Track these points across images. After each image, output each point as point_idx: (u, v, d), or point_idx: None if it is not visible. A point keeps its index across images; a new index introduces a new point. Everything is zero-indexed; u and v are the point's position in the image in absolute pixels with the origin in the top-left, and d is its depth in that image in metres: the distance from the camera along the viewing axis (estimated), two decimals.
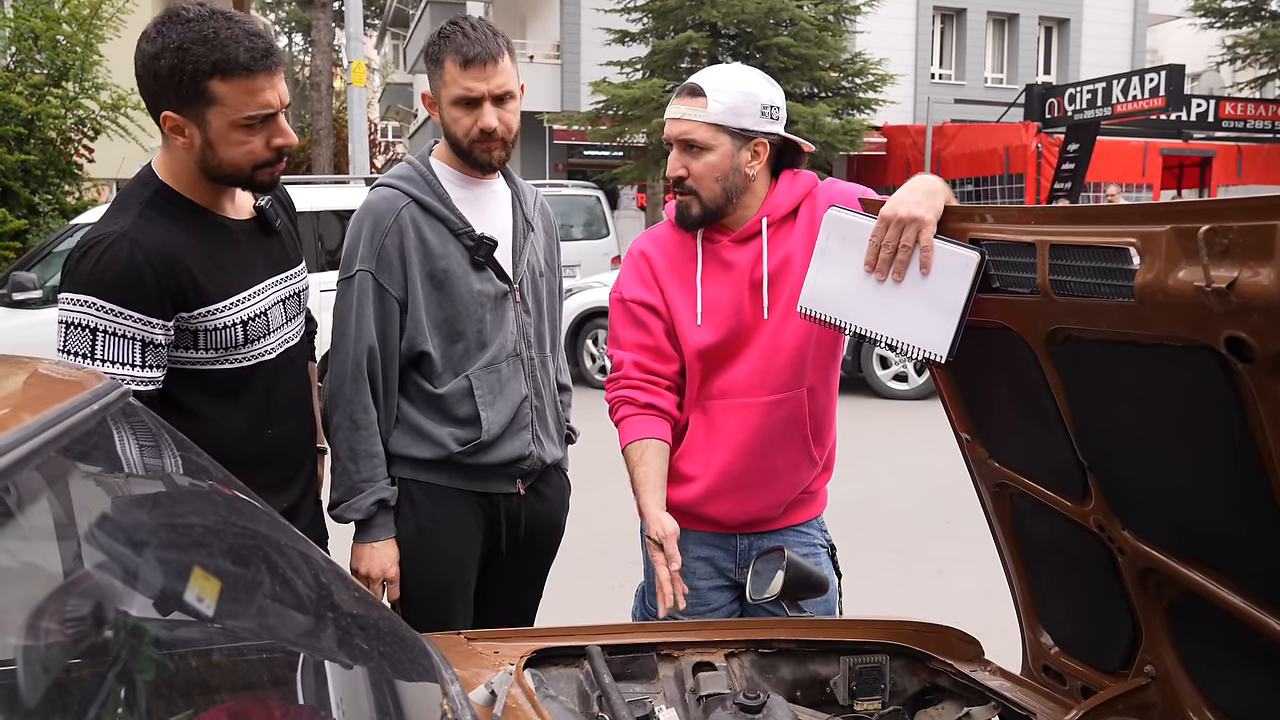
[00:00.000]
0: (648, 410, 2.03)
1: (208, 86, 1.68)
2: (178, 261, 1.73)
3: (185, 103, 1.70)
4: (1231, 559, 1.32)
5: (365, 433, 2.05)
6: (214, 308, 1.78)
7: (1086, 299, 1.29)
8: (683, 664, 1.69)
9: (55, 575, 0.90)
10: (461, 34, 1.99)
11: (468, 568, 2.15)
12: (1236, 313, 1.07)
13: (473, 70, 1.98)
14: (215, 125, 1.71)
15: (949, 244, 1.54)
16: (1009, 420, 1.66)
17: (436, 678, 1.25)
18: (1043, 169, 18.16)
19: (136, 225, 1.72)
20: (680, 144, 1.95)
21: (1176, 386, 1.25)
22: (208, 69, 1.67)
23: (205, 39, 1.66)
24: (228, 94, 1.69)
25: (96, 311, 1.67)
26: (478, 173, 2.12)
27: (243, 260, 1.86)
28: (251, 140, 1.75)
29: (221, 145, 1.73)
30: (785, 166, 2.06)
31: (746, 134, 1.94)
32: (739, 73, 1.97)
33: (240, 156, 1.75)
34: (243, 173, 1.78)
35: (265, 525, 1.29)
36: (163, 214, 1.76)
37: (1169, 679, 1.51)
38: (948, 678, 1.74)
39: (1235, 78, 25.53)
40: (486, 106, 2.01)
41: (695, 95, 1.93)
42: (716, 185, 1.95)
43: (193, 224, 1.80)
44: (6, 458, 0.79)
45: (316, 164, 19.26)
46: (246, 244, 1.88)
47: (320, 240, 7.97)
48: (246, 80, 1.69)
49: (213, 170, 1.77)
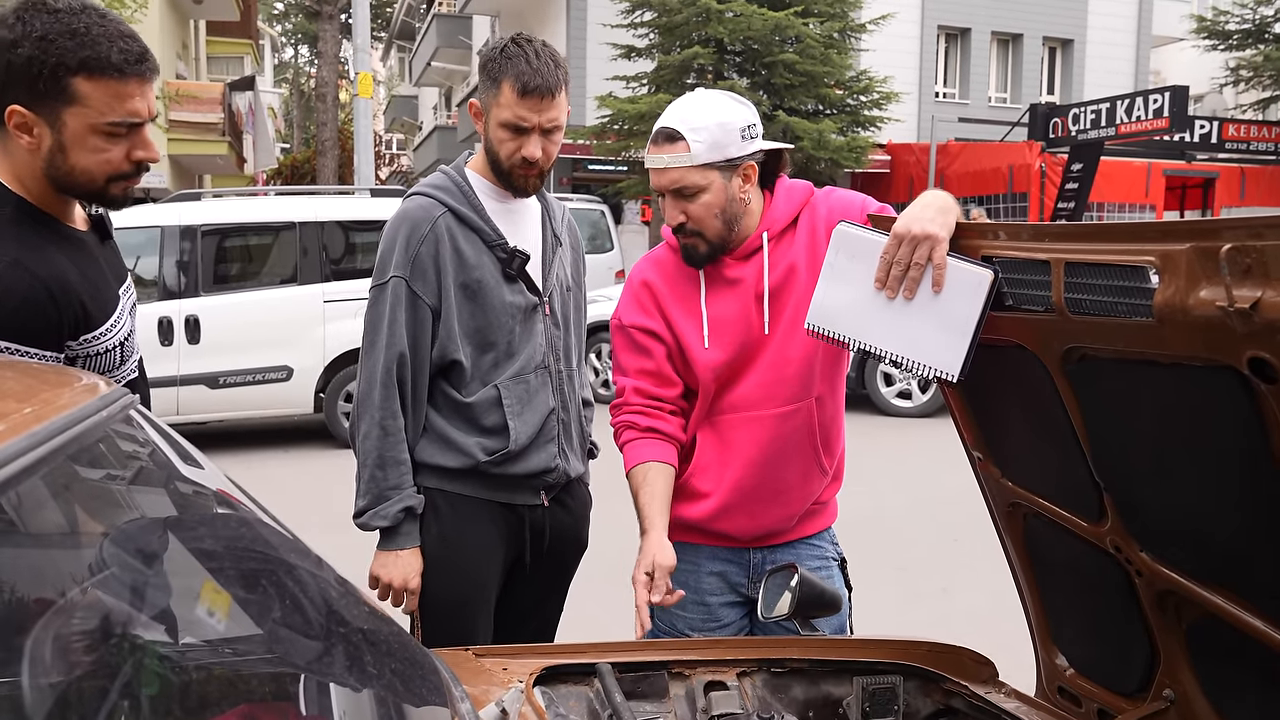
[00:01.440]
0: (649, 434, 2.03)
1: (70, 83, 1.52)
2: (69, 287, 1.59)
3: (40, 98, 1.53)
4: (1252, 582, 1.30)
5: (394, 439, 2.04)
6: (99, 332, 1.66)
7: (1103, 318, 1.28)
8: (694, 683, 1.67)
9: (62, 585, 0.89)
10: (525, 60, 1.96)
11: (491, 578, 2.14)
12: (1260, 333, 1.06)
13: (529, 101, 1.97)
14: (72, 127, 1.55)
15: (962, 261, 1.52)
16: (1023, 439, 1.64)
17: (446, 696, 1.24)
18: (1046, 188, 18.19)
19: (24, 252, 1.55)
20: (672, 192, 1.93)
21: (1196, 407, 1.23)
22: (74, 65, 1.51)
23: (75, 32, 1.51)
24: (92, 94, 1.54)
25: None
26: (511, 193, 2.12)
27: (103, 276, 1.72)
28: (111, 149, 1.59)
29: (75, 150, 1.57)
30: (773, 172, 2.05)
31: (733, 163, 1.92)
32: (707, 104, 1.93)
33: (95, 165, 1.59)
34: (95, 183, 1.61)
35: (272, 535, 1.28)
36: (36, 234, 1.59)
37: (1188, 703, 1.49)
38: (962, 699, 1.72)
39: (1239, 100, 25.59)
40: (534, 137, 2.01)
41: (674, 140, 1.89)
42: (717, 221, 1.94)
43: (61, 242, 1.64)
44: (15, 464, 0.78)
45: (321, 175, 19.33)
46: (99, 257, 1.73)
47: (325, 250, 8.00)
48: (116, 83, 1.54)
49: (60, 177, 1.59)
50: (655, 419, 2.03)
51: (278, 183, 24.63)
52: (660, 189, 1.95)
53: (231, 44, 28.47)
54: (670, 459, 2.02)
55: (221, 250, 7.99)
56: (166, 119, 18.01)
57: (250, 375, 7.70)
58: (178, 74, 20.89)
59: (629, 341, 2.07)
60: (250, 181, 22.28)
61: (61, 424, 0.91)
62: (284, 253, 8.09)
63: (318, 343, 7.82)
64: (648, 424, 2.03)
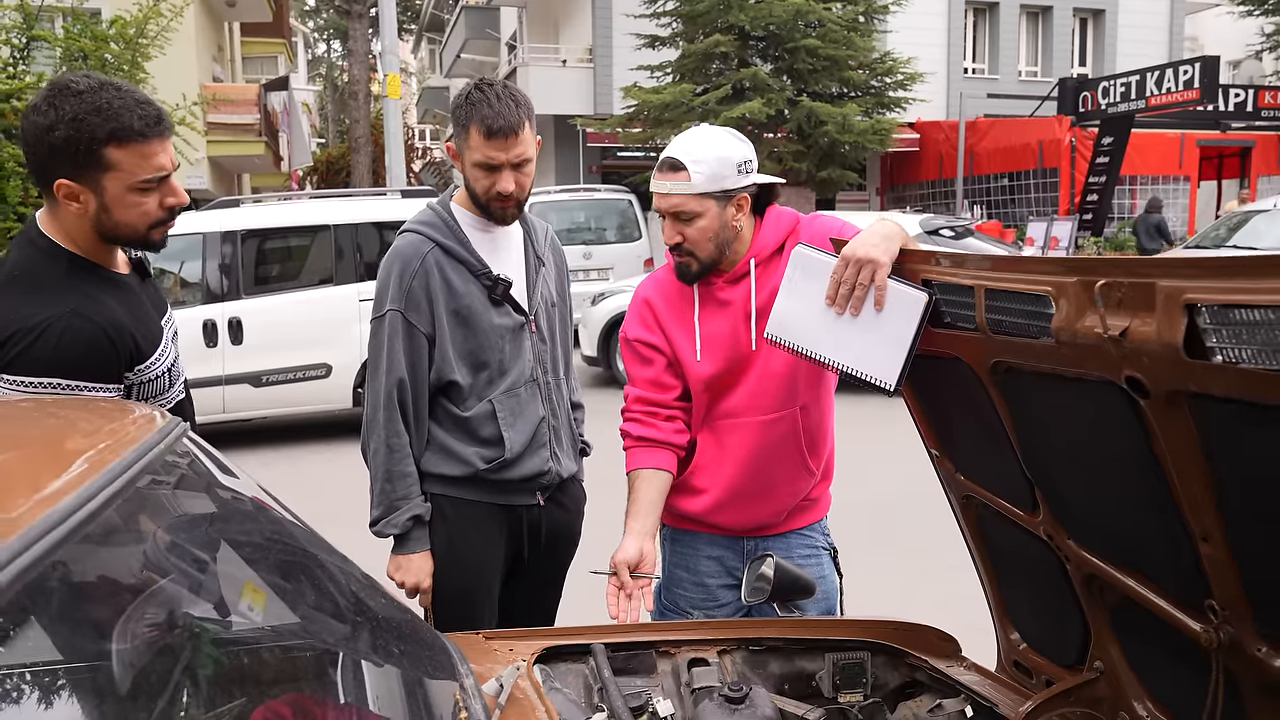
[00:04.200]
0: (641, 443, 2.24)
1: (104, 154, 1.75)
2: (122, 328, 1.83)
3: (81, 170, 1.76)
4: (1154, 567, 1.48)
5: (399, 455, 2.27)
6: (149, 362, 1.90)
7: (1017, 337, 1.46)
8: (679, 660, 1.88)
9: (139, 589, 1.11)
10: (487, 105, 2.17)
11: (493, 572, 2.36)
12: (1130, 356, 1.24)
13: (496, 141, 2.18)
14: (111, 190, 1.78)
15: (902, 284, 1.71)
16: (970, 439, 1.82)
17: (453, 672, 1.46)
18: (1077, 163, 18.07)
19: (82, 301, 1.79)
20: (671, 215, 2.14)
21: (1097, 415, 1.41)
22: (104, 137, 1.74)
23: (99, 109, 1.73)
24: (124, 160, 1.77)
25: (64, 392, 1.74)
26: (492, 222, 2.33)
27: (148, 313, 1.96)
28: (146, 201, 1.82)
29: (118, 208, 1.80)
30: (765, 202, 2.25)
31: (729, 194, 2.12)
32: (710, 139, 2.13)
33: (136, 218, 1.83)
34: (138, 233, 1.86)
35: (306, 540, 1.50)
36: (89, 283, 1.83)
37: (1115, 673, 1.67)
38: (925, 673, 1.91)
39: (1276, 66, 25.09)
40: (505, 173, 2.21)
41: (677, 170, 2.10)
42: (710, 244, 2.14)
43: (111, 287, 1.88)
44: (104, 493, 1.00)
45: (355, 171, 19.66)
46: (142, 296, 1.98)
47: (359, 251, 8.28)
48: (141, 145, 1.78)
49: (109, 232, 1.84)
50: (649, 426, 2.24)
51: (314, 179, 25.03)
52: (662, 211, 2.16)
53: (265, 44, 28.89)
54: (660, 463, 2.22)
55: (261, 253, 8.31)
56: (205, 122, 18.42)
57: (292, 373, 8.03)
58: (214, 77, 21.30)
59: (634, 354, 2.30)
60: (286, 179, 22.71)
61: (133, 456, 1.14)
62: (320, 254, 8.39)
63: (354, 340, 8.09)
64: (640, 433, 2.24)
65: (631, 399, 2.27)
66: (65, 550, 0.87)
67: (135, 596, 1.07)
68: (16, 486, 0.98)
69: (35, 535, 0.84)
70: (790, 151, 17.06)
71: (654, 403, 2.25)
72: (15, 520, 0.86)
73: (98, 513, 0.95)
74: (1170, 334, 1.17)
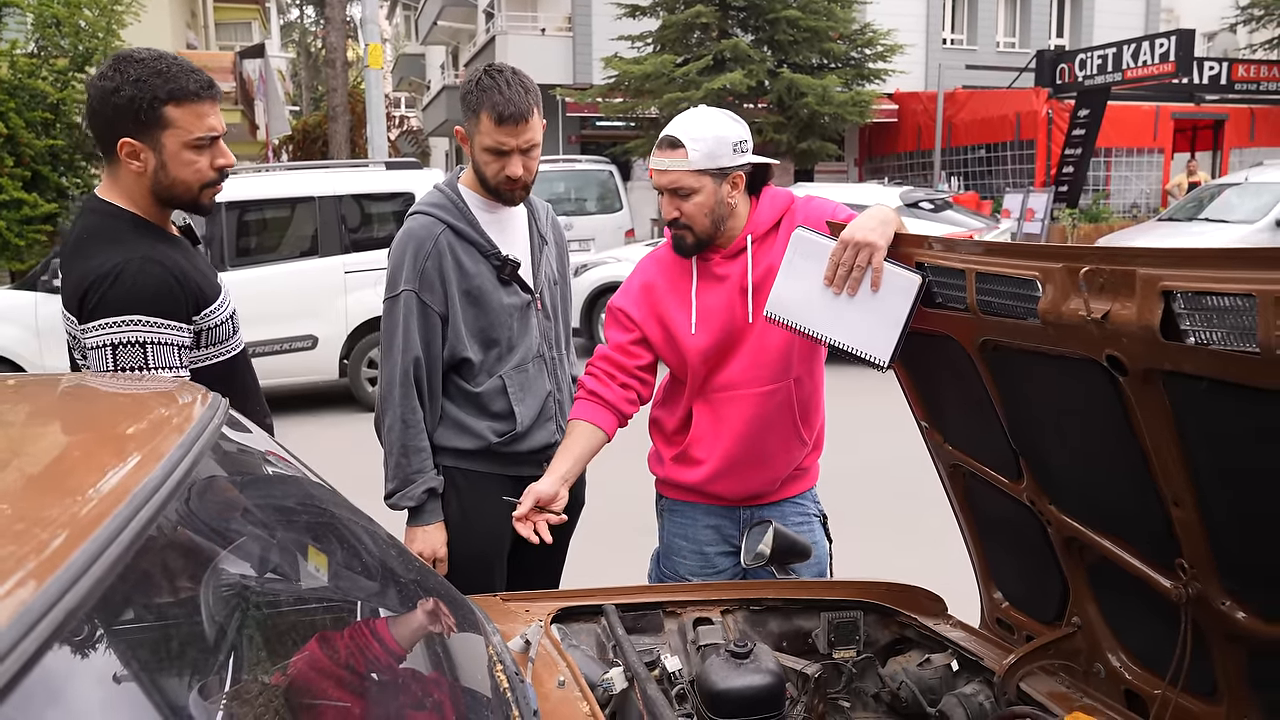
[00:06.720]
0: (592, 397, 2.31)
1: (163, 112, 1.93)
2: (186, 273, 1.99)
3: (143, 128, 1.93)
4: (1130, 529, 1.61)
5: (414, 430, 2.36)
6: (213, 308, 2.05)
7: (1006, 318, 1.57)
8: (685, 619, 1.99)
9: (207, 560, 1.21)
10: (498, 91, 2.24)
11: (503, 540, 2.46)
12: (1111, 336, 1.36)
13: (506, 127, 2.26)
14: (169, 147, 1.95)
15: (897, 267, 1.82)
16: (958, 412, 1.94)
17: (482, 631, 1.57)
18: (1053, 135, 18.21)
19: (149, 249, 1.96)
20: (669, 191, 2.23)
21: (1079, 391, 1.53)
22: (164, 96, 1.92)
23: (160, 73, 1.92)
24: (181, 118, 1.94)
25: (144, 328, 1.91)
26: (500, 203, 2.42)
27: (206, 265, 2.14)
28: (200, 160, 1.98)
29: (175, 165, 1.97)
30: (760, 181, 2.34)
31: (724, 171, 2.21)
32: (708, 119, 2.22)
33: (190, 175, 1.99)
34: (191, 192, 2.01)
35: (343, 509, 1.60)
36: (151, 237, 2.00)
37: (1092, 628, 1.80)
38: (914, 630, 2.03)
39: (1250, 39, 25.32)
40: (515, 157, 2.30)
41: (675, 147, 2.19)
42: (706, 219, 2.23)
43: (170, 242, 2.04)
44: (177, 472, 1.09)
45: (333, 140, 19.41)
46: (196, 254, 2.15)
47: (343, 222, 8.29)
48: (196, 105, 1.96)
49: (165, 190, 2.00)
50: (604, 385, 2.32)
51: (289, 148, 24.74)
52: (660, 188, 2.25)
53: (239, 9, 28.45)
54: (601, 422, 2.28)
55: (244, 225, 8.29)
56: None
57: (278, 345, 8.05)
58: (188, 44, 21.00)
59: (615, 321, 2.39)
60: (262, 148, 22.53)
61: (192, 435, 1.23)
62: (304, 226, 8.39)
63: (340, 312, 8.15)
64: (593, 388, 2.31)
65: (598, 355, 2.36)
66: (163, 516, 0.97)
67: (213, 564, 1.17)
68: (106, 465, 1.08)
69: (137, 504, 0.94)
70: (770, 123, 17.10)
71: (617, 364, 2.33)
72: (114, 493, 0.95)
73: (184, 479, 1.05)
74: (1148, 317, 1.28)
